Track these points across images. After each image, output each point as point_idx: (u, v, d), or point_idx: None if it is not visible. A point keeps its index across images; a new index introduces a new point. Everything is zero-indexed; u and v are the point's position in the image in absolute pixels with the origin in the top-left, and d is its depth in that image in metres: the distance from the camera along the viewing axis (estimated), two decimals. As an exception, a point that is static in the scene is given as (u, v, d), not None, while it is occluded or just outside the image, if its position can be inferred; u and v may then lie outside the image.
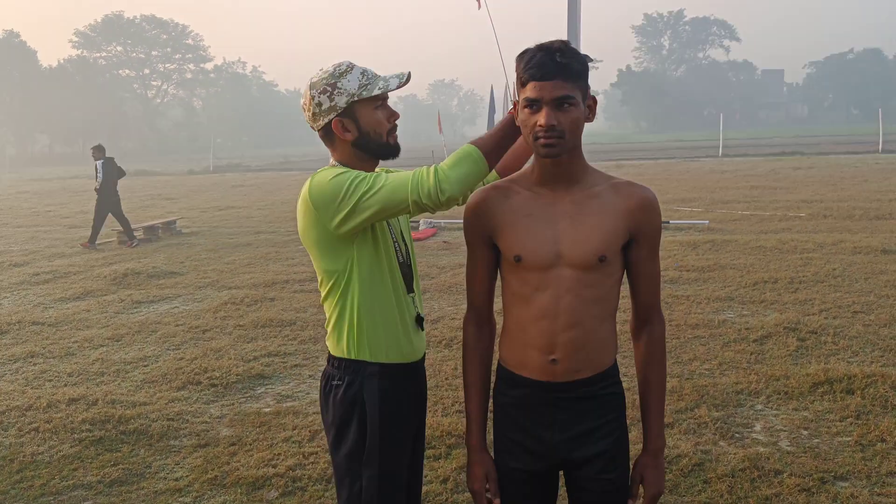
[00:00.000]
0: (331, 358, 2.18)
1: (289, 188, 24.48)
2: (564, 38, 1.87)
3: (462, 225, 2.02)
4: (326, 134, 2.12)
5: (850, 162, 24.97)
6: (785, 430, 4.12)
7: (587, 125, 1.84)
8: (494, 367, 2.06)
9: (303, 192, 2.06)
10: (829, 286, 7.34)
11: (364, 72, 2.09)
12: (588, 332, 1.86)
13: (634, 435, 2.80)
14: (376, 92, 2.07)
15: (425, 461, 3.86)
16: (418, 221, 13.20)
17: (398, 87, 2.09)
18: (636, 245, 1.89)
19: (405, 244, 2.22)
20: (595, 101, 1.89)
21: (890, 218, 11.88)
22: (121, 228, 13.11)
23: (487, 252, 1.97)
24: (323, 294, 2.16)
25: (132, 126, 76.87)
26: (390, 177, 1.97)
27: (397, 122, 2.16)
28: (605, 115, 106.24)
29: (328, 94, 2.06)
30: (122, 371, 5.68)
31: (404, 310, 2.16)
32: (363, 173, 2.00)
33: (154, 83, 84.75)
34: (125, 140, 74.30)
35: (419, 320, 2.22)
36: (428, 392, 2.33)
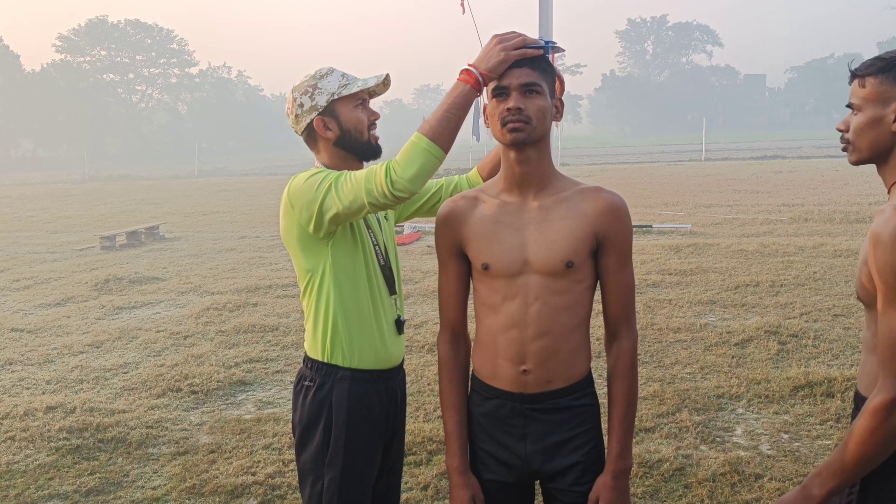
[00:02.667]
0: (306, 358, 2.19)
1: (273, 193, 24.38)
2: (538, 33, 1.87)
3: None
4: (309, 135, 2.15)
5: (830, 166, 25.23)
6: (766, 434, 4.13)
7: (571, 131, 1.80)
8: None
9: (284, 192, 2.08)
10: (810, 289, 7.39)
11: (344, 74, 2.14)
12: (558, 340, 1.83)
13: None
14: (355, 89, 2.10)
15: (405, 467, 3.84)
16: (403, 226, 13.19)
17: (375, 86, 2.13)
18: (604, 251, 1.85)
19: (386, 246, 2.22)
20: (562, 104, 1.88)
21: (869, 221, 11.97)
22: (103, 234, 13.01)
23: (459, 264, 1.94)
24: (301, 292, 2.18)
25: (116, 130, 76.30)
26: (352, 175, 1.96)
27: (377, 121, 2.18)
28: (589, 120, 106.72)
29: (309, 94, 2.10)
30: (101, 378, 5.62)
31: (381, 313, 2.14)
32: (335, 173, 2.00)
33: (138, 87, 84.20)
34: (109, 144, 73.80)
35: (399, 323, 2.21)
36: (409, 398, 2.33)
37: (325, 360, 2.11)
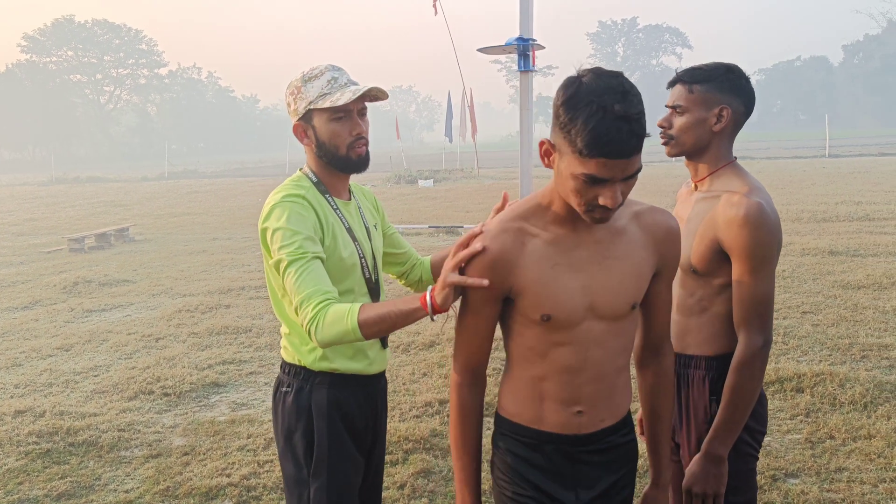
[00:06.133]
0: (283, 364, 2.13)
1: (245, 194, 24.19)
2: (517, 34, 1.86)
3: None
4: (297, 137, 2.08)
5: (797, 166, 25.64)
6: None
7: (545, 133, 1.79)
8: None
9: (265, 205, 2.00)
10: (779, 287, 7.50)
11: (333, 79, 1.99)
12: (613, 378, 1.71)
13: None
14: (326, 105, 1.97)
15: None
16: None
17: (347, 102, 1.95)
18: (658, 277, 1.74)
19: (374, 259, 2.15)
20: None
21: (836, 220, 12.22)
22: (72, 236, 12.81)
23: (497, 308, 1.69)
24: (274, 302, 2.09)
25: (84, 132, 75.19)
26: (301, 270, 1.87)
27: (364, 135, 2.03)
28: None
29: (294, 96, 2.02)
30: (71, 381, 5.54)
31: None
32: (296, 235, 1.90)
33: (107, 88, 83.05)
34: (77, 146, 72.72)
35: (383, 339, 2.13)
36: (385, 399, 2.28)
37: (303, 364, 2.05)
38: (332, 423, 2.03)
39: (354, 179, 2.21)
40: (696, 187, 2.07)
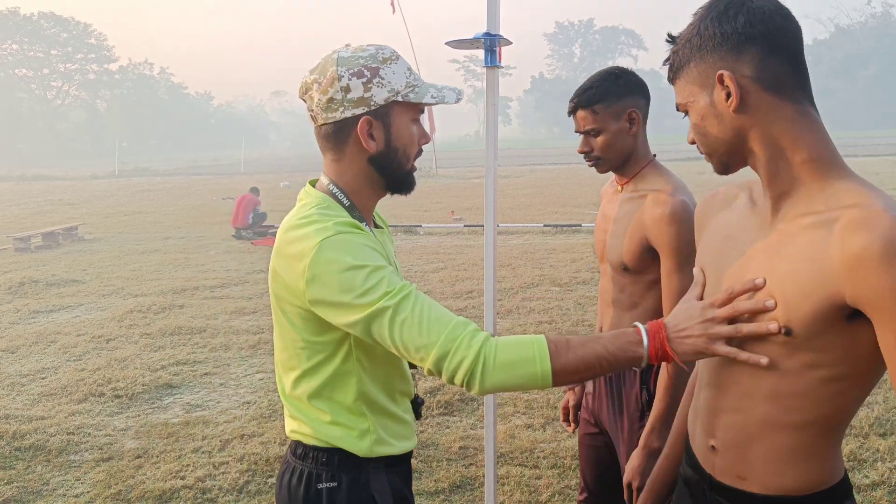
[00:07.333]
0: (312, 453, 1.57)
1: (199, 193, 23.81)
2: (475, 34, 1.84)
3: None
4: (338, 134, 1.51)
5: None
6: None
7: (502, 133, 1.73)
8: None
9: (298, 251, 1.43)
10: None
11: (409, 70, 1.54)
12: None
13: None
14: (427, 99, 1.53)
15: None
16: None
17: (455, 102, 1.59)
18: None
19: None
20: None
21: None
22: (17, 235, 12.44)
23: None
24: (294, 366, 1.56)
25: (30, 128, 73.03)
26: (417, 309, 1.38)
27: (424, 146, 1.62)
28: (519, 121, 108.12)
29: (365, 79, 1.47)
30: (17, 384, 5.37)
31: (407, 388, 1.65)
32: (378, 272, 1.40)
33: (54, 84, 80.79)
34: (22, 143, 70.65)
35: (416, 405, 1.70)
36: None
37: (351, 451, 1.55)
38: None
39: None
40: (621, 188, 2.16)
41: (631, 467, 2.00)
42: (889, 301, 1.04)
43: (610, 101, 2.02)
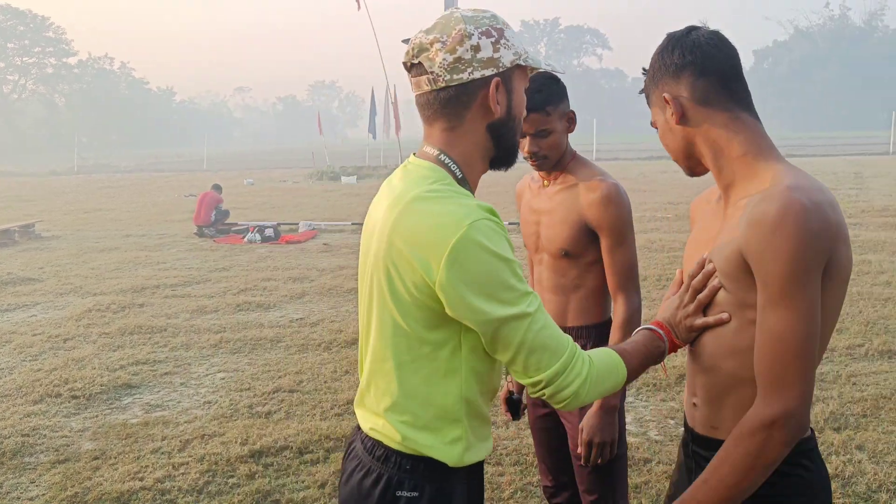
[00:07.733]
0: (387, 452, 1.45)
1: (160, 190, 23.46)
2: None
3: None
4: (458, 98, 1.38)
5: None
6: (653, 421, 4.30)
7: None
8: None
9: (438, 225, 1.29)
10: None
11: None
12: None
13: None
14: (544, 66, 1.46)
15: (303, 466, 3.78)
16: (298, 223, 12.94)
17: (552, 70, 1.56)
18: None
19: None
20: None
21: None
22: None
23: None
24: (387, 356, 1.43)
25: (-15, 123, 71.34)
26: (548, 319, 1.35)
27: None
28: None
29: (493, 39, 1.37)
30: (-30, 385, 5.23)
31: (498, 386, 1.57)
32: (518, 271, 1.32)
33: (10, 77, 78.86)
34: (-23, 138, 68.88)
35: (516, 403, 1.89)
36: (305, 396, 2.09)
37: (440, 459, 1.43)
38: None
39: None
40: (548, 183, 2.33)
41: (590, 425, 2.16)
42: (770, 265, 1.26)
43: (556, 102, 2.20)
